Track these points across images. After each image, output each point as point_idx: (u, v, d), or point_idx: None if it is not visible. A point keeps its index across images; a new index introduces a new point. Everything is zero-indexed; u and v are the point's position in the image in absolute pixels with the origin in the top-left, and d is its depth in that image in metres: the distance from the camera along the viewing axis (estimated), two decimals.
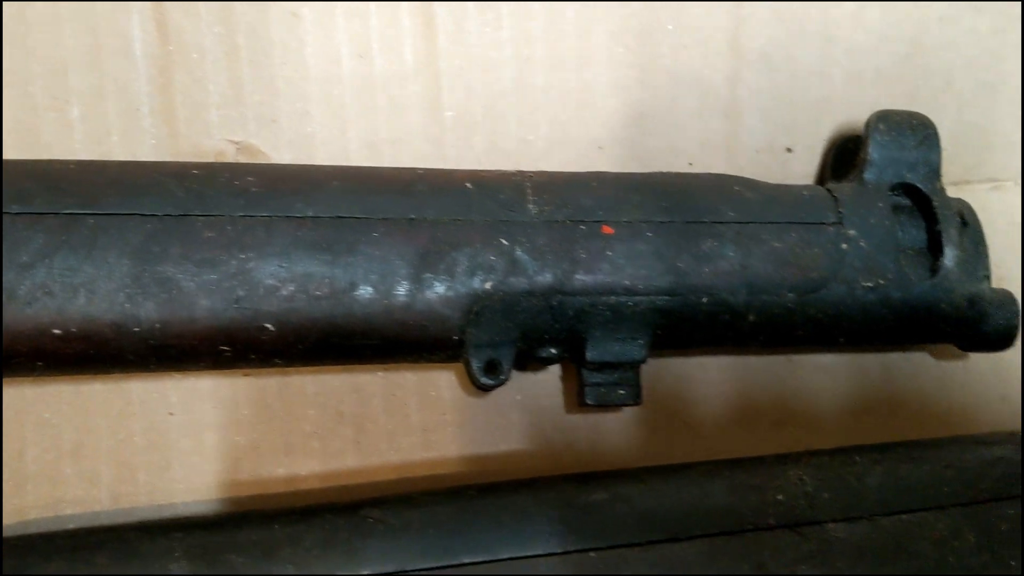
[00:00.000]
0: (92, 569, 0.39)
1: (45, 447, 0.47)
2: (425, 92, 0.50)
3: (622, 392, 0.46)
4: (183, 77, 0.49)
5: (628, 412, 0.51)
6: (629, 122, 0.52)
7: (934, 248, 0.47)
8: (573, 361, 0.47)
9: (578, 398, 0.46)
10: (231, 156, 0.49)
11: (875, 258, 0.46)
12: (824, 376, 0.53)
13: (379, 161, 0.50)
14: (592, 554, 0.41)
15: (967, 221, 0.48)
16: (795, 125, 0.53)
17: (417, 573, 0.40)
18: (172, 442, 0.48)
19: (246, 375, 0.49)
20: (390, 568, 0.40)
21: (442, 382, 0.50)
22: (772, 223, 0.46)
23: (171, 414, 0.48)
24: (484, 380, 0.44)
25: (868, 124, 0.49)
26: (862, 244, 0.46)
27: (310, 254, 0.41)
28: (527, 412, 0.50)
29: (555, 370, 0.51)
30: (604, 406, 0.46)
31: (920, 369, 0.54)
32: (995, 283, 0.52)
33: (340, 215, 0.42)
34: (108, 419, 0.48)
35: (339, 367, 0.49)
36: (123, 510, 0.47)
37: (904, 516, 0.44)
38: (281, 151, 0.49)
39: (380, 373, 0.49)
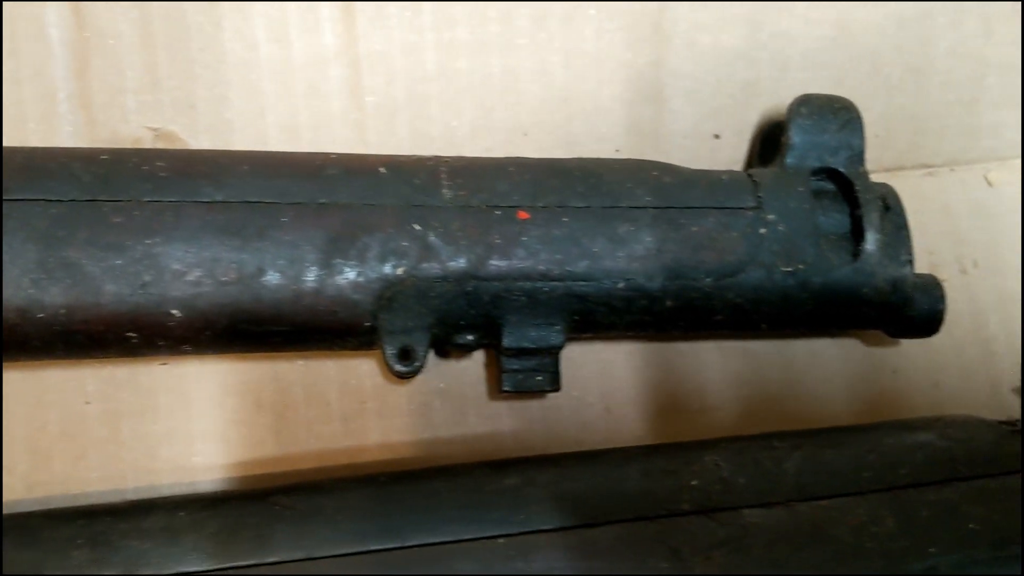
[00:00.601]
0: None
1: None
2: (345, 77, 0.50)
3: (540, 378, 0.46)
4: (100, 63, 0.48)
5: (552, 399, 0.51)
6: (554, 108, 0.51)
7: (856, 233, 0.47)
8: (491, 347, 0.47)
9: (498, 385, 0.46)
10: (149, 142, 0.49)
11: (794, 242, 0.46)
12: (751, 363, 0.52)
13: (299, 147, 0.49)
14: (502, 540, 0.41)
15: (890, 205, 0.48)
16: (722, 110, 0.53)
17: (325, 560, 0.40)
18: (88, 431, 0.47)
19: (164, 364, 0.48)
20: (298, 555, 0.40)
21: (363, 370, 0.49)
22: (689, 208, 0.45)
23: (87, 403, 0.47)
24: (398, 367, 0.44)
25: (790, 108, 0.48)
26: (781, 228, 0.46)
27: (218, 239, 0.41)
28: (450, 400, 0.50)
29: (479, 357, 0.51)
30: (522, 392, 0.46)
31: (850, 356, 0.53)
32: (928, 269, 0.52)
33: (249, 200, 0.42)
34: (23, 407, 0.47)
35: (259, 356, 0.49)
36: (38, 499, 0.46)
37: (822, 502, 0.43)
38: (199, 137, 0.49)
39: (300, 362, 0.49)
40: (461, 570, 0.40)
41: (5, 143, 0.46)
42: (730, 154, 0.54)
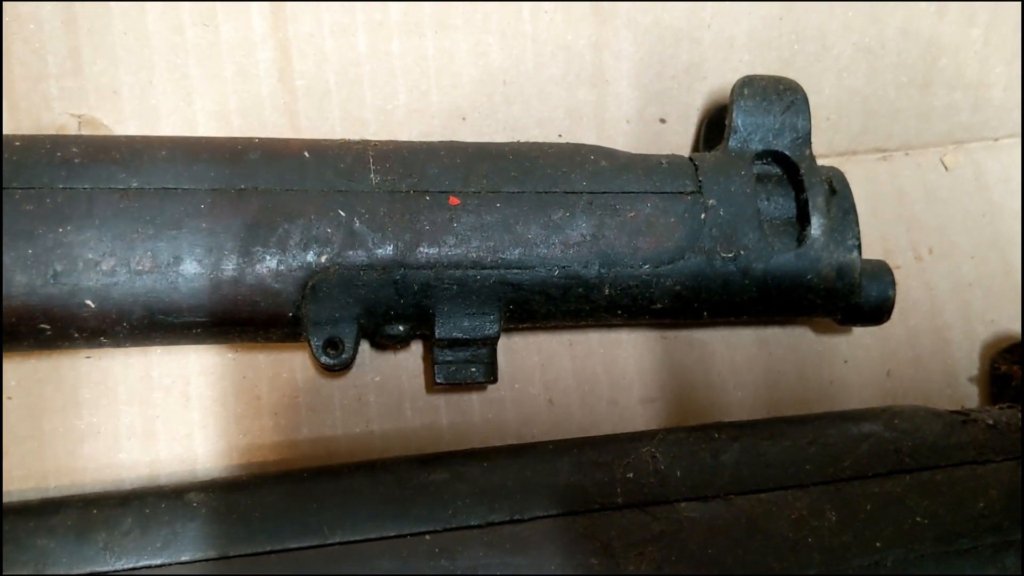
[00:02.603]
0: None
1: None
2: (274, 59, 0.48)
3: (474, 370, 0.44)
4: (20, 48, 0.47)
5: (493, 391, 0.49)
6: (492, 90, 0.50)
7: (801, 217, 0.45)
8: (424, 339, 0.45)
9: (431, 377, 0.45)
10: (73, 130, 0.47)
11: (735, 227, 0.44)
12: (697, 352, 0.51)
13: (228, 133, 0.48)
14: (428, 536, 0.39)
15: (836, 189, 0.46)
16: (666, 93, 0.51)
17: (240, 558, 0.38)
18: (8, 427, 0.46)
19: (88, 357, 0.47)
20: (212, 554, 0.38)
21: (295, 363, 0.48)
22: (626, 193, 0.44)
23: (8, 398, 0.46)
24: (325, 359, 0.42)
25: (733, 90, 0.47)
26: (722, 213, 0.44)
27: (132, 227, 0.40)
28: (386, 393, 0.48)
29: (417, 350, 0.49)
30: (456, 385, 0.44)
31: (800, 344, 0.52)
32: (882, 256, 0.51)
33: (166, 186, 0.40)
34: None
35: (186, 349, 0.47)
36: None
37: (761, 495, 0.42)
38: (125, 123, 0.47)
39: (230, 355, 0.47)
40: (383, 569, 0.39)
41: None
42: (676, 140, 0.52)
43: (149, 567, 0.38)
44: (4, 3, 0.46)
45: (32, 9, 0.46)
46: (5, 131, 0.47)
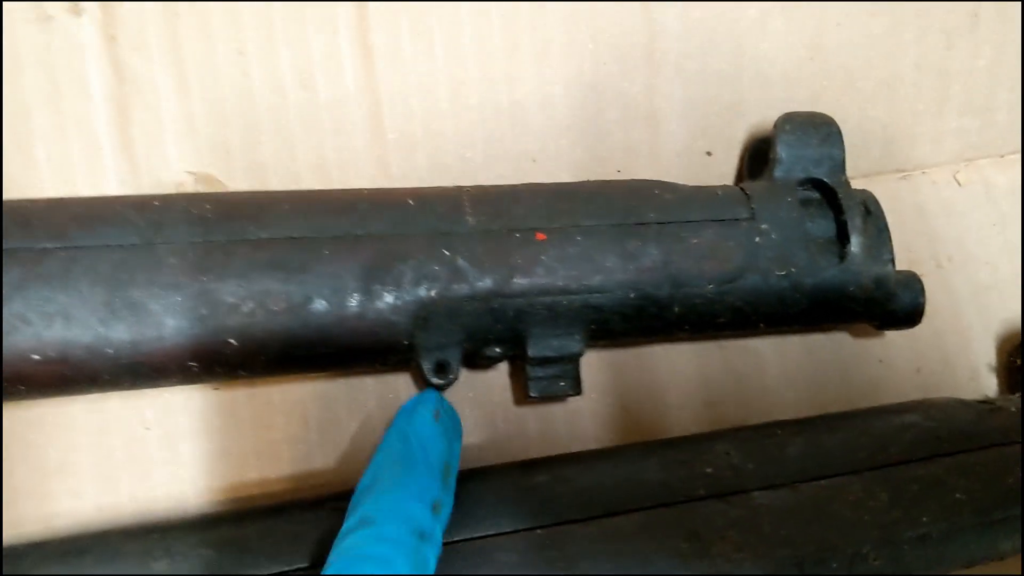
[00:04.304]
0: (80, 570, 0.43)
1: (32, 466, 0.50)
2: (367, 116, 0.54)
3: (563, 384, 0.50)
4: (140, 114, 0.52)
5: (573, 402, 0.55)
6: (558, 135, 0.56)
7: (841, 236, 0.51)
8: (517, 358, 0.51)
9: (524, 392, 0.50)
10: (190, 186, 0.52)
11: (786, 248, 0.50)
12: (751, 358, 0.57)
13: (328, 183, 0.53)
14: (539, 531, 0.45)
15: (870, 210, 0.52)
16: (711, 129, 0.57)
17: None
18: (150, 454, 0.51)
19: (216, 389, 0.52)
20: None
21: (400, 385, 0.54)
22: (690, 222, 0.50)
23: (147, 429, 0.51)
24: (435, 380, 0.48)
25: (776, 126, 0.53)
26: (773, 236, 0.50)
27: (266, 273, 0.45)
28: (479, 408, 0.54)
29: (504, 368, 0.55)
30: (547, 398, 0.50)
31: (840, 348, 0.58)
32: (907, 265, 0.57)
33: (292, 236, 0.46)
34: (89, 437, 0.51)
35: (303, 378, 0.53)
36: (109, 520, 0.50)
37: (822, 481, 0.48)
38: (236, 178, 0.53)
39: (341, 380, 0.53)
40: (503, 560, 0.44)
41: (57, 194, 0.50)
42: (721, 169, 0.58)
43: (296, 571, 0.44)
44: (125, 64, 0.52)
45: (148, 77, 0.52)
46: (130, 190, 0.52)
